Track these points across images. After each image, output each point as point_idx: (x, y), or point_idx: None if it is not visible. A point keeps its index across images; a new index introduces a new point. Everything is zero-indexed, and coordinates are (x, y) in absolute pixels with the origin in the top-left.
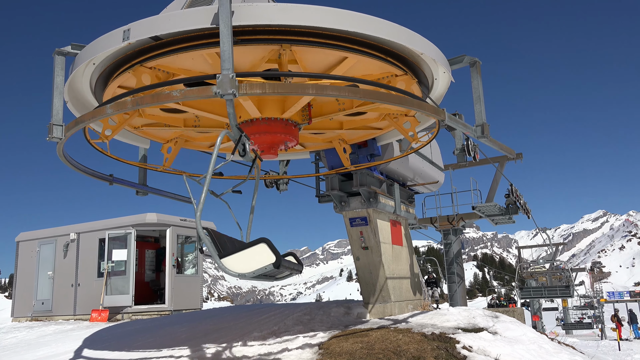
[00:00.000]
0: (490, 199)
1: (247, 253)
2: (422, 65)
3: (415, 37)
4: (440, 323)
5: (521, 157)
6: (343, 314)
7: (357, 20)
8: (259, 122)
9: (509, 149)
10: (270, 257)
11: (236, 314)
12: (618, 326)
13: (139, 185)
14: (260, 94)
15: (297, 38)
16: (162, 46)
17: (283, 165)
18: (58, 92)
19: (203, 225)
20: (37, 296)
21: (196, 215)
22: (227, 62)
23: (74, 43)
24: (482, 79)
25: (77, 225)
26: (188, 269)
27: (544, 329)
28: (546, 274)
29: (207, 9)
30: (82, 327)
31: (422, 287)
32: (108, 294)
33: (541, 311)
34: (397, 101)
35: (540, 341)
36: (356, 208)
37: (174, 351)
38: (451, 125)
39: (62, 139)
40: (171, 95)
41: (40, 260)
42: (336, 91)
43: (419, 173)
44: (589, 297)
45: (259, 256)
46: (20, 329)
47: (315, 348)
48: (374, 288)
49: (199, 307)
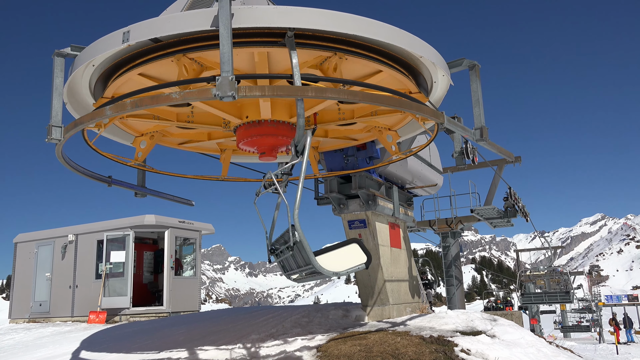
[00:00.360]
0: (489, 202)
1: (339, 253)
2: (421, 69)
3: (414, 40)
4: (439, 326)
5: (520, 160)
6: (341, 316)
7: (356, 23)
8: (266, 123)
9: (508, 152)
10: (362, 257)
11: (234, 316)
12: (616, 330)
13: (138, 186)
14: (259, 97)
15: (299, 41)
16: (161, 48)
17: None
18: (57, 94)
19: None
20: (34, 298)
21: (295, 213)
22: (226, 64)
23: (74, 44)
24: (481, 82)
25: (76, 226)
26: (186, 270)
27: (542, 333)
28: (545, 277)
29: (206, 11)
30: (79, 328)
31: (421, 289)
32: (106, 296)
33: (539, 314)
34: (397, 104)
35: (539, 344)
36: (355, 211)
37: (172, 353)
38: (450, 128)
39: (61, 140)
40: (170, 97)
41: (38, 261)
42: (336, 94)
43: (417, 176)
44: (587, 301)
45: (351, 256)
46: (18, 331)
47: (314, 350)
48: (372, 291)
49: (197, 309)
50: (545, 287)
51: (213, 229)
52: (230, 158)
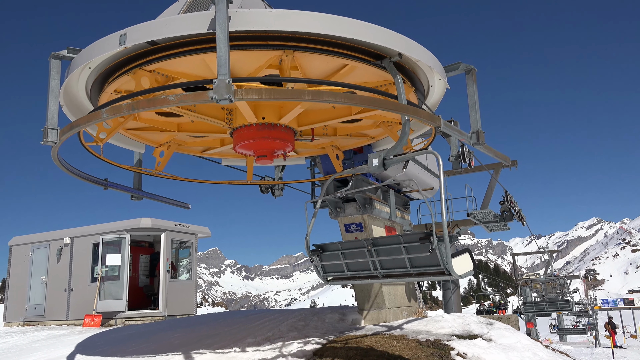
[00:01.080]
0: (485, 205)
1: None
2: (418, 73)
3: (411, 44)
4: (435, 330)
5: (516, 164)
6: (338, 320)
7: (353, 27)
8: (257, 127)
9: (504, 156)
10: (471, 265)
11: (230, 319)
12: (612, 333)
13: (134, 189)
14: (257, 100)
15: (298, 44)
16: (158, 50)
17: (278, 171)
18: (53, 96)
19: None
20: (29, 301)
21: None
22: (223, 67)
23: (70, 47)
24: (477, 86)
25: (71, 229)
26: (182, 274)
27: (539, 336)
28: (541, 281)
29: (203, 14)
30: (74, 332)
31: (417, 293)
32: (101, 299)
33: (535, 318)
34: (392, 107)
35: (535, 348)
36: (351, 214)
37: (168, 357)
38: (447, 132)
39: (56, 142)
40: (167, 100)
41: (33, 264)
42: (332, 97)
43: (414, 179)
44: (583, 305)
45: (465, 263)
46: (12, 334)
47: (310, 354)
48: (368, 294)
49: (193, 312)
50: (542, 291)
51: (209, 232)
52: (253, 162)
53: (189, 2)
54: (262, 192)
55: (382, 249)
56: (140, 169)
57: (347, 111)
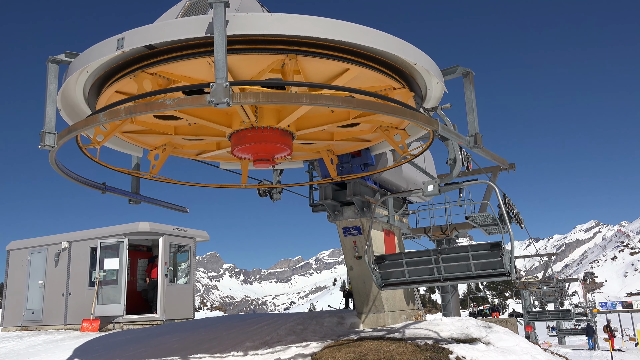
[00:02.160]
0: (483, 209)
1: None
2: (415, 76)
3: (409, 48)
4: (434, 333)
5: (514, 167)
6: (336, 323)
7: (351, 31)
8: (256, 130)
9: (502, 159)
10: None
11: (229, 323)
12: (610, 336)
13: (132, 193)
14: (254, 103)
15: (299, 48)
16: (157, 54)
17: (277, 174)
18: (51, 100)
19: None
20: (27, 305)
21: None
22: (221, 71)
23: (68, 51)
24: (475, 89)
25: (69, 234)
26: (180, 278)
27: (537, 339)
28: (539, 284)
29: (201, 18)
30: (72, 337)
31: (416, 297)
32: (99, 304)
33: (534, 322)
34: (390, 111)
35: (533, 352)
36: (350, 217)
37: None
38: (444, 135)
39: (54, 147)
40: (164, 103)
41: (31, 269)
42: (330, 101)
43: (412, 183)
44: (582, 307)
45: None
46: (10, 339)
47: (308, 358)
48: (367, 298)
49: (191, 316)
50: (541, 295)
51: (208, 236)
52: (248, 165)
53: (187, 6)
54: (261, 195)
55: (447, 256)
56: (135, 172)
57: (345, 115)
